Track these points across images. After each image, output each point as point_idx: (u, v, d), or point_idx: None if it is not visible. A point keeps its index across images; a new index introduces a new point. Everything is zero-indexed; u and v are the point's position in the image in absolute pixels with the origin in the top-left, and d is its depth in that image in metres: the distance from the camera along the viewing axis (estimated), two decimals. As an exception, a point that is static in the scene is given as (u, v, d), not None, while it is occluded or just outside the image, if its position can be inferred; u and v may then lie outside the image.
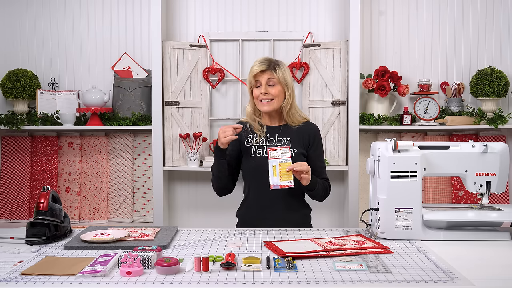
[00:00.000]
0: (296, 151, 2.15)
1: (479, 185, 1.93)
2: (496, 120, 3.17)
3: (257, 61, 2.19)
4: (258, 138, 2.20)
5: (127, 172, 3.38)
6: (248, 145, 2.21)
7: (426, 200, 3.31)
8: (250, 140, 2.21)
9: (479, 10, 3.39)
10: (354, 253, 1.65)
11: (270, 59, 2.20)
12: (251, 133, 2.22)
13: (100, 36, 3.43)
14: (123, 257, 1.47)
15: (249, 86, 2.21)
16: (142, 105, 3.32)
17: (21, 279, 1.42)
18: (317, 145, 2.22)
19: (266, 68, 2.14)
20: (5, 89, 3.27)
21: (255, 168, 2.15)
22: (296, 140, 2.18)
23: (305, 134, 2.20)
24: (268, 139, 2.20)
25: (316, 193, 2.13)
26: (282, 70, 2.16)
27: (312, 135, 2.21)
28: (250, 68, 2.20)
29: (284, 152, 1.95)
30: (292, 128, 2.21)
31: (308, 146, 2.20)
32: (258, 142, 2.19)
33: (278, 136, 2.20)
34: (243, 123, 2.25)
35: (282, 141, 2.18)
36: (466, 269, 1.49)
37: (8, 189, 3.38)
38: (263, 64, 2.15)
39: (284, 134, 2.20)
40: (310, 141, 2.20)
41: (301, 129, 2.21)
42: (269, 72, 2.15)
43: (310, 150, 2.20)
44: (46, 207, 1.84)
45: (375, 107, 3.29)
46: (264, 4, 3.41)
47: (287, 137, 2.19)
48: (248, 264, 1.52)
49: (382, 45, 3.40)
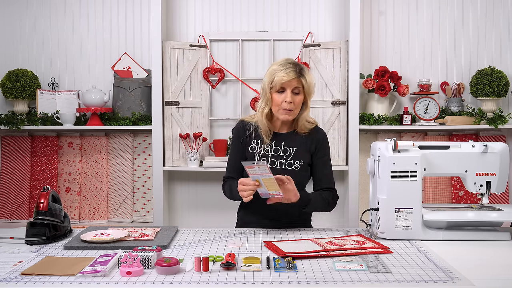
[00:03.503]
0: (302, 163, 2.09)
1: (479, 185, 1.93)
2: (496, 120, 3.17)
3: (282, 65, 2.03)
4: (263, 145, 2.11)
5: (127, 172, 3.38)
6: (252, 151, 2.12)
7: (426, 200, 3.31)
8: (255, 146, 2.13)
9: (479, 10, 3.39)
10: (354, 253, 1.65)
11: (295, 62, 2.06)
12: (254, 137, 2.13)
13: (100, 36, 3.43)
14: (123, 257, 1.47)
15: (269, 88, 2.05)
16: (142, 105, 3.32)
17: (21, 279, 1.42)
18: (323, 153, 2.13)
19: (296, 76, 2.01)
20: (5, 89, 3.27)
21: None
22: (302, 149, 2.11)
23: (312, 142, 2.12)
24: (273, 147, 2.11)
25: (312, 208, 2.05)
26: (309, 77, 2.05)
27: (319, 142, 2.12)
28: (273, 69, 2.04)
29: (262, 168, 1.82)
30: (300, 135, 2.12)
31: (314, 152, 2.13)
32: (263, 150, 2.11)
33: (284, 145, 2.10)
34: (245, 123, 2.18)
35: (288, 150, 2.09)
36: (466, 269, 1.49)
37: (8, 189, 3.38)
38: (292, 71, 2.01)
39: (291, 143, 2.11)
40: (316, 147, 2.12)
41: (309, 136, 2.12)
42: (297, 80, 2.02)
43: (315, 157, 2.13)
44: (46, 207, 1.84)
45: (375, 107, 3.29)
46: (264, 4, 3.41)
47: (293, 147, 2.10)
48: (248, 264, 1.52)
49: (382, 45, 3.40)
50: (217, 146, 3.26)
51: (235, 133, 2.20)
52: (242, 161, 2.00)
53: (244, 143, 2.15)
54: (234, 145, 2.19)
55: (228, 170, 2.21)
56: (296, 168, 2.09)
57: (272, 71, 2.05)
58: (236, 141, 2.18)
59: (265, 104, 2.09)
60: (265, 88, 2.07)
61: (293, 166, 2.09)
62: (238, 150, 2.16)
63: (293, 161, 2.09)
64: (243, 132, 2.16)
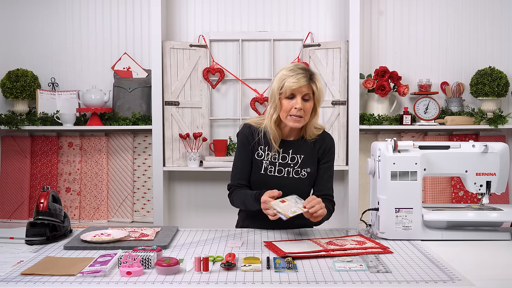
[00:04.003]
0: (309, 171, 2.07)
1: (479, 185, 1.93)
2: (496, 120, 3.17)
3: (292, 70, 1.97)
4: (270, 153, 2.06)
5: (127, 172, 3.38)
6: (259, 158, 2.07)
7: (426, 200, 3.31)
8: (262, 153, 2.07)
9: (479, 10, 3.39)
10: (354, 253, 1.65)
11: (306, 68, 2.00)
12: (263, 144, 2.07)
13: (100, 36, 3.43)
14: (123, 257, 1.47)
15: (278, 94, 1.98)
16: (142, 105, 3.32)
17: (21, 279, 1.42)
18: (328, 159, 2.10)
19: (307, 82, 1.95)
20: (5, 89, 3.27)
21: (266, 186, 1.99)
22: (310, 157, 2.08)
23: (320, 147, 2.09)
24: (281, 155, 2.06)
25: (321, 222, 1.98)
26: (319, 83, 2.00)
27: (326, 148, 2.09)
28: (283, 75, 1.98)
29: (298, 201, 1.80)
30: (307, 142, 2.08)
31: (320, 158, 2.10)
32: (270, 158, 2.06)
33: (292, 152, 2.06)
34: (253, 128, 2.09)
35: (295, 158, 2.06)
36: (466, 269, 1.49)
37: (8, 189, 3.38)
38: (303, 77, 1.95)
39: (299, 150, 2.07)
40: (324, 153, 2.09)
41: (316, 143, 2.09)
42: (307, 86, 1.96)
43: (320, 161, 2.10)
44: (46, 207, 1.84)
45: (375, 107, 3.28)
46: (264, 4, 3.41)
47: (301, 154, 2.06)
48: (248, 264, 1.52)
49: (382, 45, 3.40)
50: (217, 146, 3.26)
51: (243, 138, 2.10)
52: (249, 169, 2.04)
53: (252, 149, 2.09)
54: (241, 151, 2.10)
55: (235, 177, 2.11)
56: (303, 176, 2.07)
57: (282, 76, 1.98)
58: (244, 146, 2.10)
59: (273, 110, 2.02)
60: (274, 93, 2.00)
61: (300, 174, 2.07)
62: (247, 155, 2.09)
63: (300, 169, 2.07)
64: (251, 137, 2.08)
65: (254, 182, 2.08)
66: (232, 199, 2.11)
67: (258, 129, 2.08)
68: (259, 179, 2.06)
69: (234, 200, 2.09)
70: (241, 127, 2.15)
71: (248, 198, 1.99)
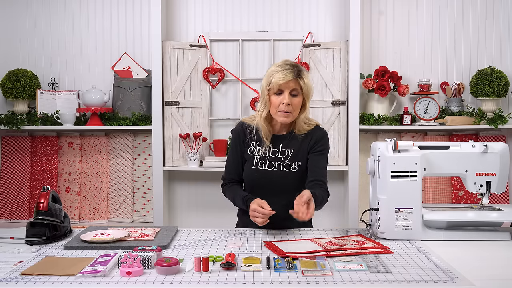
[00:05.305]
0: (300, 165, 2.08)
1: (479, 185, 1.93)
2: (496, 120, 3.17)
3: (280, 66, 2.01)
4: (261, 148, 2.10)
5: (127, 172, 3.38)
6: (251, 153, 2.12)
7: (426, 200, 3.31)
8: (254, 148, 2.12)
9: (479, 10, 3.39)
10: (354, 253, 1.65)
11: (293, 64, 2.03)
12: (255, 140, 2.12)
13: (100, 36, 3.43)
14: (123, 257, 1.47)
15: (267, 90, 2.03)
16: (142, 105, 3.32)
17: (21, 279, 1.42)
18: (321, 148, 2.09)
19: (293, 77, 1.99)
20: (5, 89, 3.27)
21: (257, 180, 2.09)
22: (301, 150, 2.09)
23: (312, 139, 2.10)
24: (271, 149, 2.10)
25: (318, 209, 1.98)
26: (307, 79, 2.02)
27: (318, 138, 2.09)
28: (271, 71, 2.02)
29: None
30: (298, 137, 2.10)
31: (312, 147, 2.09)
32: (261, 153, 2.10)
33: (282, 147, 2.10)
34: (246, 125, 2.15)
35: (285, 152, 2.09)
36: (466, 269, 1.49)
37: (8, 189, 3.38)
38: (290, 73, 1.98)
39: (289, 144, 2.10)
40: (315, 143, 2.09)
41: (307, 136, 2.10)
42: (294, 81, 2.00)
43: (312, 151, 2.09)
44: (46, 207, 1.84)
45: (375, 107, 3.29)
46: (264, 4, 3.41)
47: (291, 148, 2.09)
48: (248, 264, 1.52)
49: (382, 45, 3.40)
50: (217, 146, 3.26)
51: (235, 135, 2.18)
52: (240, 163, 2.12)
53: (245, 146, 2.15)
54: (233, 147, 2.18)
55: (227, 171, 2.21)
56: (294, 170, 2.08)
57: (270, 72, 2.03)
58: (236, 143, 2.17)
59: (263, 106, 2.07)
60: (263, 90, 2.05)
61: (290, 167, 2.09)
62: (238, 152, 2.16)
63: (290, 163, 2.09)
64: (243, 134, 2.15)
65: (247, 176, 2.14)
66: (224, 191, 2.22)
67: (250, 126, 2.14)
68: (251, 174, 2.12)
69: (226, 194, 2.21)
70: (236, 125, 2.23)
71: (237, 197, 2.09)
